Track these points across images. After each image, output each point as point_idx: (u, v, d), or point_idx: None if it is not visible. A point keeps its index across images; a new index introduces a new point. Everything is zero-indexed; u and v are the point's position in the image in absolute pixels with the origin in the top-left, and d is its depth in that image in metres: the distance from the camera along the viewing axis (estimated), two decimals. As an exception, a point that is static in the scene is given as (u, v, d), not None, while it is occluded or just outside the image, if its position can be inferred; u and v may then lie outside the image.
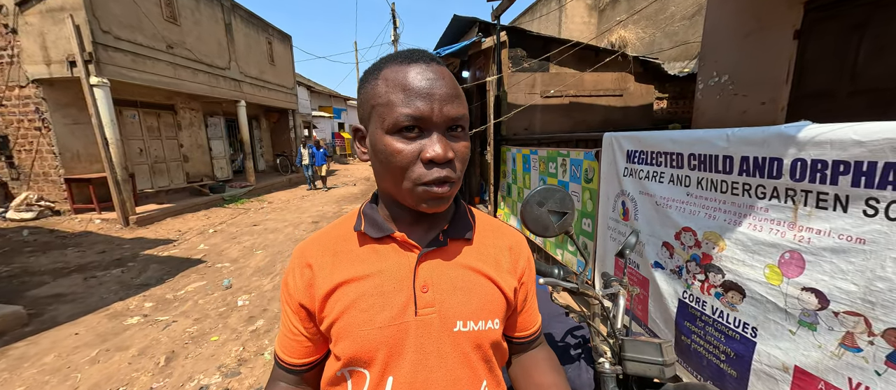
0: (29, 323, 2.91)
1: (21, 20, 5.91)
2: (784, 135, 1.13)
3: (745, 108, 3.67)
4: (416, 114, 0.47)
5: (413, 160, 0.48)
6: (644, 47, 7.11)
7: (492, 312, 0.56)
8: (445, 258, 0.57)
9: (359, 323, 0.52)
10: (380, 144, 0.50)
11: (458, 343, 0.54)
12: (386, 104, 0.48)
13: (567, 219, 0.81)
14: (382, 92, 0.49)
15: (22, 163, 6.62)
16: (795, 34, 3.27)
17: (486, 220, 0.66)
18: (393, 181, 0.51)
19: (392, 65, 0.50)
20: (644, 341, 0.85)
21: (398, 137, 0.48)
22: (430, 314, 0.53)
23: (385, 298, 0.53)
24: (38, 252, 4.76)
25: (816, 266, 1.09)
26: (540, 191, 0.79)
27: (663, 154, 1.60)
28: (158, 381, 2.19)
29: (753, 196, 1.23)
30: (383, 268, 0.54)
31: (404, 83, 0.48)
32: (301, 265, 0.57)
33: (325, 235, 0.60)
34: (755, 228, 1.23)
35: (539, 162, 3.37)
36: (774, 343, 1.21)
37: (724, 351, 1.38)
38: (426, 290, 0.54)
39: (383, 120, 0.49)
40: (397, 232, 0.56)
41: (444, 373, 0.53)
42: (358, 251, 0.56)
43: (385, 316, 0.52)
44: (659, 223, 1.64)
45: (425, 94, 0.47)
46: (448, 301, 0.54)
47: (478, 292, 0.56)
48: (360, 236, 0.58)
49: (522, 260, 0.63)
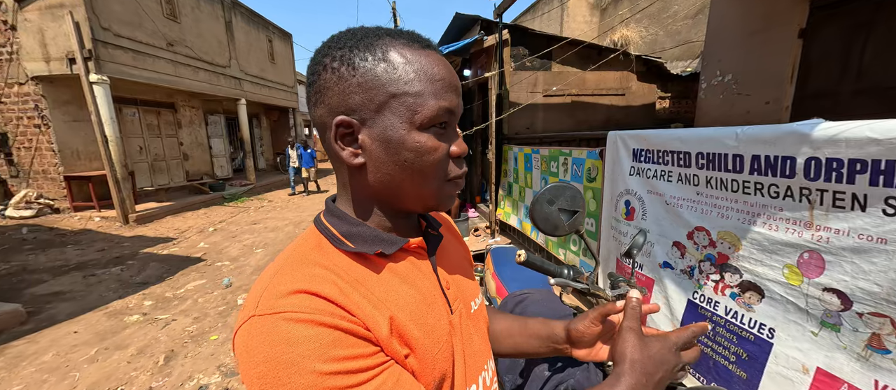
0: (28, 321, 2.89)
1: (20, 17, 5.89)
2: (797, 134, 1.11)
3: (748, 108, 3.65)
4: (452, 108, 0.44)
5: (447, 157, 0.46)
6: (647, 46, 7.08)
7: (476, 284, 0.63)
8: (445, 251, 0.59)
9: (430, 345, 0.44)
10: (409, 142, 0.42)
11: (476, 320, 0.58)
12: (416, 93, 0.41)
13: (578, 217, 0.78)
14: (408, 77, 0.41)
15: (21, 161, 6.60)
16: (800, 33, 3.24)
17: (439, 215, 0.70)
18: (422, 183, 0.44)
19: (403, 47, 0.42)
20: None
21: (433, 134, 0.43)
22: (459, 306, 0.55)
23: (433, 309, 0.48)
24: (38, 250, 4.74)
25: (837, 266, 1.07)
26: (550, 188, 0.76)
27: (670, 153, 1.58)
28: (158, 380, 2.17)
29: (766, 195, 1.21)
30: (416, 281, 0.48)
31: (431, 72, 0.42)
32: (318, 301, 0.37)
33: (313, 266, 0.41)
34: (771, 228, 1.21)
35: (541, 161, 3.35)
36: (794, 344, 1.18)
37: (736, 353, 1.36)
38: (448, 288, 0.54)
39: (414, 112, 0.41)
40: (412, 240, 0.50)
41: (475, 355, 0.55)
42: (378, 278, 0.44)
43: (443, 324, 0.48)
44: (669, 222, 1.62)
45: (454, 86, 0.44)
46: (462, 288, 0.57)
47: (469, 270, 0.63)
48: (363, 258, 0.45)
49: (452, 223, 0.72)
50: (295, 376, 0.33)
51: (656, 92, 5.25)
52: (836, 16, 3.23)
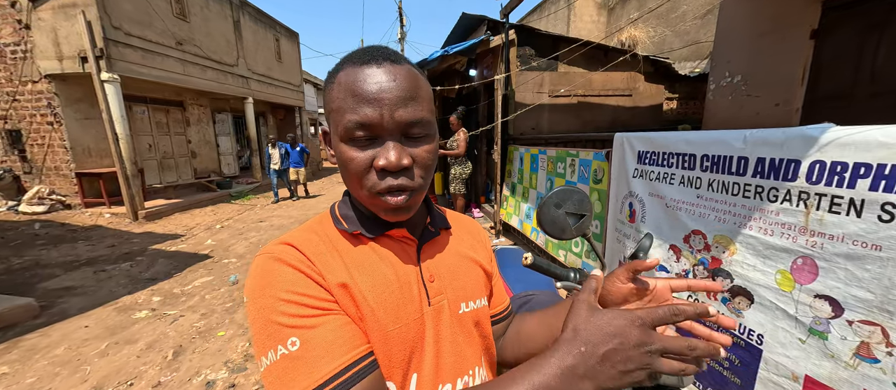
0: (40, 315, 2.95)
1: (34, 16, 6.00)
2: (806, 137, 1.10)
3: (758, 110, 3.60)
4: (364, 121, 0.45)
5: (367, 168, 0.47)
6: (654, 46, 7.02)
7: (481, 291, 0.62)
8: (439, 247, 0.60)
9: (385, 321, 0.49)
10: (336, 150, 0.49)
11: (464, 323, 0.58)
12: (338, 110, 0.47)
13: (585, 221, 0.79)
14: (336, 97, 0.47)
15: (34, 157, 6.73)
16: (812, 34, 3.19)
17: (449, 212, 0.71)
18: (352, 187, 0.51)
19: (347, 67, 0.48)
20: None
21: (351, 145, 0.47)
22: (441, 301, 0.55)
23: (403, 292, 0.52)
24: (50, 245, 4.83)
25: (830, 272, 1.06)
26: (558, 191, 0.77)
27: (675, 155, 1.57)
28: (166, 375, 2.21)
29: (765, 199, 1.20)
30: (392, 264, 0.53)
31: (353, 87, 0.45)
32: (295, 253, 0.49)
33: (311, 232, 0.53)
34: (767, 232, 1.20)
35: (547, 162, 3.34)
36: (783, 351, 1.18)
37: (729, 359, 1.35)
38: (433, 280, 0.56)
39: (337, 126, 0.47)
40: (396, 229, 0.55)
41: (455, 356, 0.55)
42: (359, 250, 0.53)
43: (411, 309, 0.52)
44: (668, 225, 1.61)
45: (373, 98, 0.45)
46: (451, 286, 0.57)
47: (470, 274, 0.61)
48: (353, 237, 0.54)
49: (481, 233, 0.72)
50: (263, 297, 0.45)
51: (664, 93, 5.20)
52: (849, 16, 3.17)
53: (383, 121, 0.45)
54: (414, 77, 0.49)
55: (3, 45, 6.20)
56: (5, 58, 6.26)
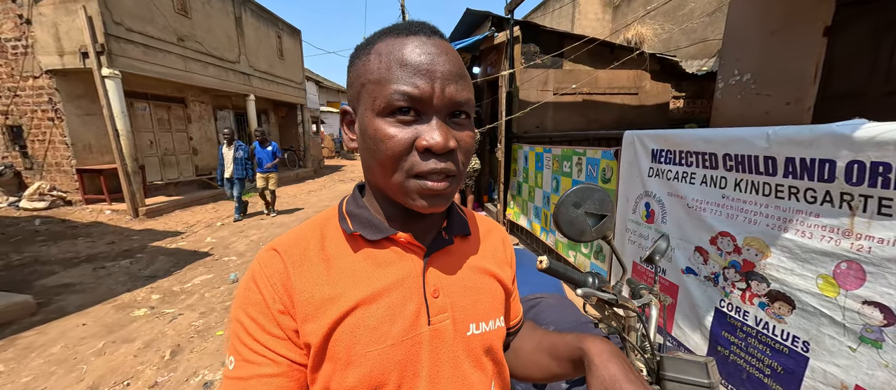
0: (37, 312, 2.91)
1: (35, 11, 5.96)
2: (837, 135, 1.04)
3: (768, 109, 3.53)
4: (414, 93, 0.40)
5: (407, 148, 0.41)
6: (661, 44, 6.93)
7: (497, 310, 0.54)
8: (452, 258, 0.52)
9: (368, 342, 0.43)
10: (369, 128, 0.42)
11: (472, 347, 0.50)
12: (378, 81, 0.41)
13: (606, 222, 0.73)
14: (374, 67, 0.42)
15: (35, 153, 6.70)
16: (825, 31, 3.12)
17: (472, 215, 0.62)
18: (382, 173, 0.44)
19: (388, 37, 0.43)
20: (686, 359, 0.76)
21: (391, 120, 0.41)
22: (444, 321, 0.48)
23: (395, 310, 0.45)
24: (50, 241, 4.80)
25: (880, 278, 0.99)
26: (577, 190, 0.71)
27: (694, 154, 1.50)
28: (163, 375, 2.17)
29: (802, 200, 1.13)
30: (388, 275, 0.47)
31: (401, 57, 0.41)
32: (278, 269, 0.45)
33: (304, 235, 0.49)
34: (804, 235, 1.14)
35: (553, 160, 3.28)
36: (830, 359, 1.11)
37: (770, 366, 1.29)
38: (437, 295, 0.48)
39: (374, 99, 0.42)
40: (400, 232, 0.48)
41: (458, 382, 0.48)
42: (354, 258, 0.47)
43: (398, 330, 0.45)
44: (691, 227, 1.55)
45: (425, 70, 0.40)
46: (460, 304, 0.50)
47: (486, 291, 0.54)
48: (353, 239, 0.49)
49: (509, 248, 0.64)
50: (234, 306, 0.47)
51: (670, 91, 5.13)
52: (863, 13, 3.10)
53: (434, 95, 0.41)
54: (460, 57, 0.45)
55: (4, 41, 6.17)
56: (6, 53, 6.23)
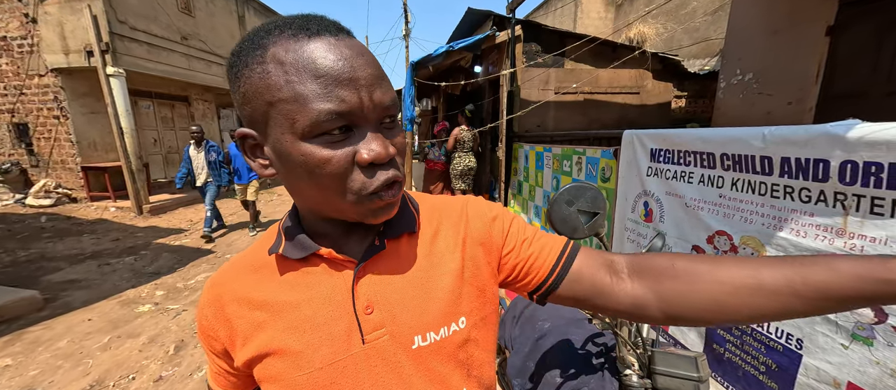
0: (44, 307, 2.96)
1: (41, 10, 6.01)
2: (831, 135, 1.05)
3: (769, 108, 3.53)
4: (342, 110, 0.35)
5: (348, 167, 0.37)
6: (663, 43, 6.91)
7: (455, 312, 0.46)
8: (388, 265, 0.46)
9: (292, 367, 0.41)
10: (296, 155, 0.36)
11: (422, 360, 0.44)
12: (293, 99, 0.35)
13: (598, 220, 0.75)
14: (279, 82, 0.35)
15: (41, 151, 6.77)
16: (828, 30, 3.11)
17: (430, 201, 0.53)
18: (324, 197, 0.39)
19: (282, 40, 0.36)
20: (677, 354, 0.78)
21: (321, 142, 0.36)
22: (381, 337, 0.43)
23: (320, 331, 0.42)
24: (55, 238, 4.86)
25: None
26: (570, 188, 0.73)
27: (692, 153, 1.51)
28: (167, 370, 2.20)
29: (797, 199, 1.15)
30: (313, 296, 0.43)
31: (314, 67, 0.34)
32: (212, 300, 0.46)
33: (240, 262, 0.49)
34: (799, 234, 1.15)
35: (553, 160, 3.29)
36: (823, 356, 1.13)
37: (765, 363, 1.30)
38: (371, 311, 0.43)
39: (293, 122, 0.35)
40: (323, 248, 0.44)
41: None
42: (279, 280, 0.45)
43: (325, 353, 0.42)
44: (689, 225, 1.56)
45: (347, 78, 0.35)
46: (400, 316, 0.44)
47: (435, 294, 0.45)
48: (280, 260, 0.46)
49: (474, 213, 0.51)
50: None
51: (672, 91, 5.12)
52: (866, 13, 3.09)
53: (364, 105, 0.36)
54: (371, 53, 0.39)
55: (10, 39, 6.23)
56: (12, 52, 6.29)
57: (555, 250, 0.49)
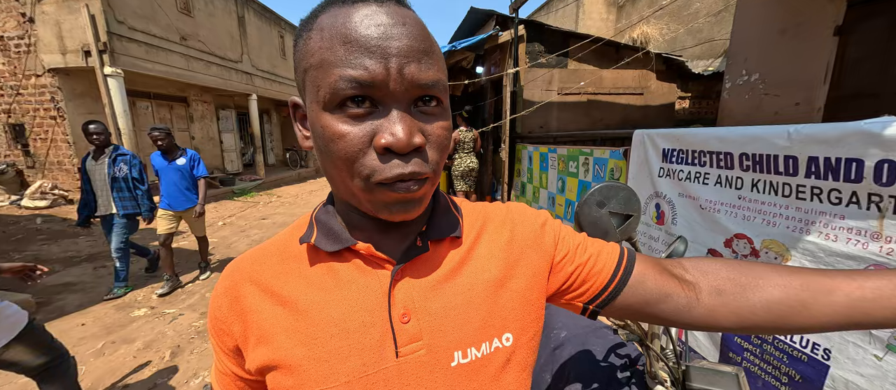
0: (37, 311, 2.88)
1: (38, 9, 5.95)
2: (866, 133, 0.99)
3: (776, 109, 3.48)
4: (362, 78, 0.31)
5: (363, 148, 0.33)
6: (667, 44, 6.88)
7: (501, 326, 0.41)
8: (430, 270, 0.41)
9: (316, 379, 0.36)
10: (317, 127, 0.34)
11: (461, 380, 0.39)
12: (319, 65, 0.32)
13: (632, 222, 0.69)
14: (315, 47, 0.33)
15: (37, 152, 6.69)
16: (836, 30, 3.07)
17: (470, 205, 0.49)
18: (339, 177, 0.36)
19: (332, 7, 0.34)
20: (716, 369, 0.72)
21: (341, 115, 0.32)
22: (418, 351, 0.38)
23: (349, 338, 0.37)
24: (51, 240, 4.78)
25: None
26: (601, 188, 0.67)
27: (708, 153, 1.46)
28: (162, 377, 2.13)
29: (825, 201, 1.09)
30: (344, 297, 0.38)
31: (345, 32, 0.31)
32: (230, 288, 0.41)
33: (270, 247, 0.44)
34: (828, 237, 1.09)
35: (558, 160, 3.24)
36: (854, 368, 1.06)
37: (787, 374, 1.24)
38: (407, 320, 0.38)
39: (318, 89, 0.33)
40: (360, 243, 0.39)
41: None
42: (308, 273, 0.40)
43: (353, 364, 0.36)
44: (704, 228, 1.50)
45: (376, 46, 0.31)
46: (441, 328, 0.39)
47: (479, 305, 0.41)
48: (311, 251, 0.41)
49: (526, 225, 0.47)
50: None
51: (676, 91, 5.08)
52: (875, 12, 3.05)
53: (390, 77, 0.31)
54: (426, 27, 0.35)
55: (6, 39, 6.16)
56: (9, 51, 6.22)
57: (612, 255, 0.45)
